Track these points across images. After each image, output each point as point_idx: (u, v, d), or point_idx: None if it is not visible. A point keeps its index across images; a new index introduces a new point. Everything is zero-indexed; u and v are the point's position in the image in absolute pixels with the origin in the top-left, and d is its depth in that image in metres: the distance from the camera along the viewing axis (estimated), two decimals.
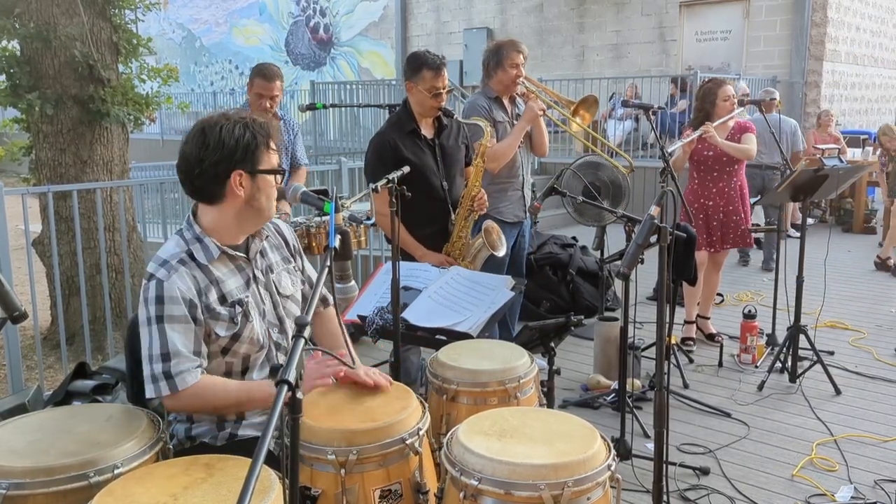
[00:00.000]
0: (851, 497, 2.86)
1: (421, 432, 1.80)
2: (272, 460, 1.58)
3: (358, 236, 3.95)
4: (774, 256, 6.54)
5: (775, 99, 6.80)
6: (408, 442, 1.74)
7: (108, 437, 1.68)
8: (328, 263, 1.48)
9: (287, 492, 1.20)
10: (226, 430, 1.97)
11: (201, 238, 1.91)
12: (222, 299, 1.89)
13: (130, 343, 2.05)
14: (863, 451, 3.30)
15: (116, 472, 1.59)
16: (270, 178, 1.90)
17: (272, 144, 1.89)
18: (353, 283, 1.77)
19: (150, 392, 1.82)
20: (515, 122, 3.88)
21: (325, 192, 1.89)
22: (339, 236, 1.56)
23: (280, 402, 1.11)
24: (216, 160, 1.83)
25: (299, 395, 1.18)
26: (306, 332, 1.24)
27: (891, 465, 3.15)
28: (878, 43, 12.09)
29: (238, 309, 1.91)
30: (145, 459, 1.66)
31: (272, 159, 1.90)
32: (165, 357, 1.80)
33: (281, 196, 1.97)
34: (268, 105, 3.93)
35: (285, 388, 1.13)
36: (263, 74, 3.92)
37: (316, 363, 1.85)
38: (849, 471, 3.10)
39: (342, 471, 1.67)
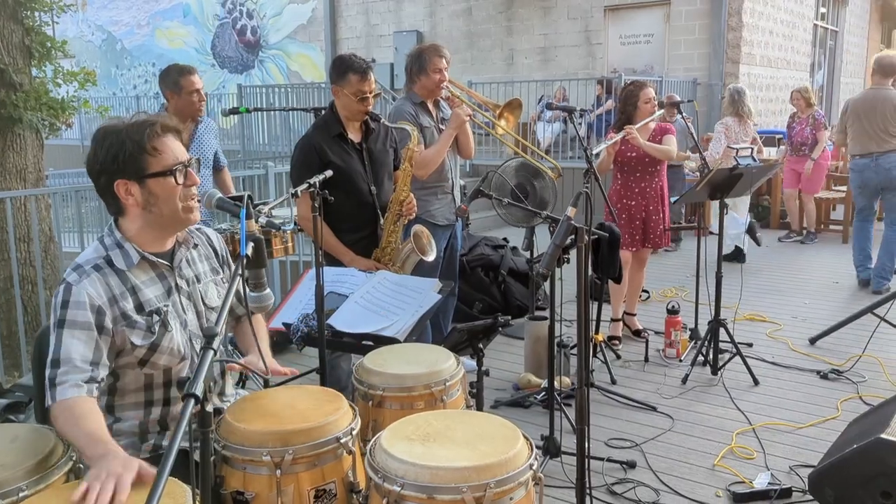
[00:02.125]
0: (768, 483, 2.97)
1: (354, 432, 1.81)
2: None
3: (285, 242, 3.89)
4: None
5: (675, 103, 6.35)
6: (342, 441, 1.76)
7: (12, 458, 1.60)
8: (239, 272, 1.45)
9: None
10: (149, 442, 1.92)
11: (122, 244, 1.86)
12: (139, 308, 1.84)
13: (38, 358, 1.97)
14: (779, 438, 3.44)
15: (21, 494, 1.51)
16: (166, 179, 1.83)
17: (156, 144, 1.81)
18: (268, 290, 1.73)
19: (46, 400, 1.75)
20: (441, 125, 3.90)
21: (242, 199, 1.85)
22: (251, 244, 1.54)
23: (186, 415, 1.08)
24: (97, 173, 1.82)
25: (208, 407, 1.15)
26: (215, 344, 1.21)
27: (805, 450, 3.29)
28: (790, 46, 12.64)
29: (156, 318, 1.86)
30: (53, 480, 1.59)
31: (163, 159, 1.82)
32: (55, 363, 1.74)
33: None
34: (204, 98, 3.94)
35: (192, 401, 1.10)
36: (189, 71, 3.90)
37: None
38: (766, 458, 3.23)
39: (277, 471, 1.66)
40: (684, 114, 5.67)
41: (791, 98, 8.13)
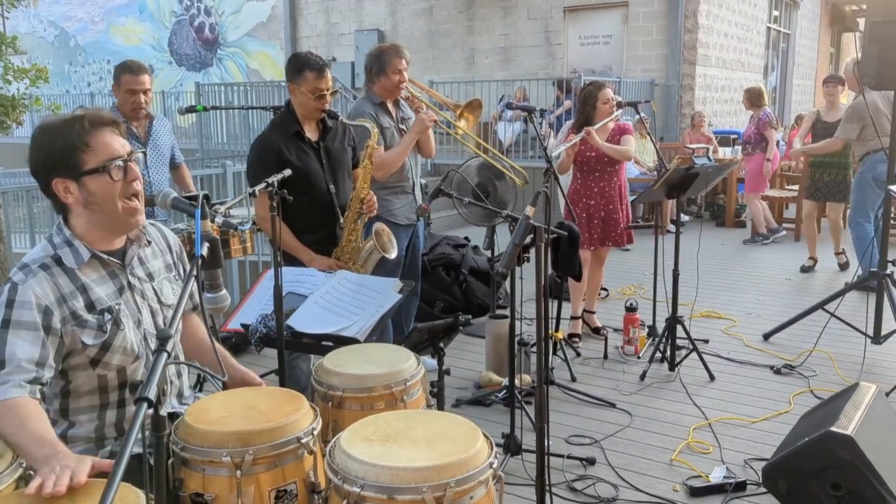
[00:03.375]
0: (724, 477, 3.03)
1: (315, 432, 1.81)
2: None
3: (243, 242, 3.85)
4: None
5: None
6: (303, 441, 1.75)
7: None
8: (194, 273, 1.43)
9: None
10: (106, 448, 1.87)
11: (71, 241, 1.82)
12: (90, 307, 1.81)
13: None
14: (734, 432, 3.51)
15: None
16: (102, 176, 1.78)
17: (89, 140, 1.77)
18: (224, 291, 1.70)
19: None
20: (401, 125, 3.90)
21: (198, 198, 1.82)
22: (207, 244, 1.51)
23: (139, 420, 1.06)
24: (36, 173, 1.79)
25: (162, 412, 1.13)
26: (169, 346, 1.19)
27: (759, 444, 3.37)
28: (744, 49, 12.92)
29: (107, 317, 1.82)
30: (2, 489, 1.54)
31: (98, 155, 1.77)
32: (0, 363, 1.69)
33: (150, 202, 1.89)
34: (141, 100, 3.82)
35: (144, 405, 1.08)
36: (130, 69, 3.83)
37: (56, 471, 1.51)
38: (721, 452, 3.30)
39: (238, 472, 1.65)
40: (642, 114, 5.76)
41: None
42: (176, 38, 16.03)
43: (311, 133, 3.27)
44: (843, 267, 6.61)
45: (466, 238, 6.06)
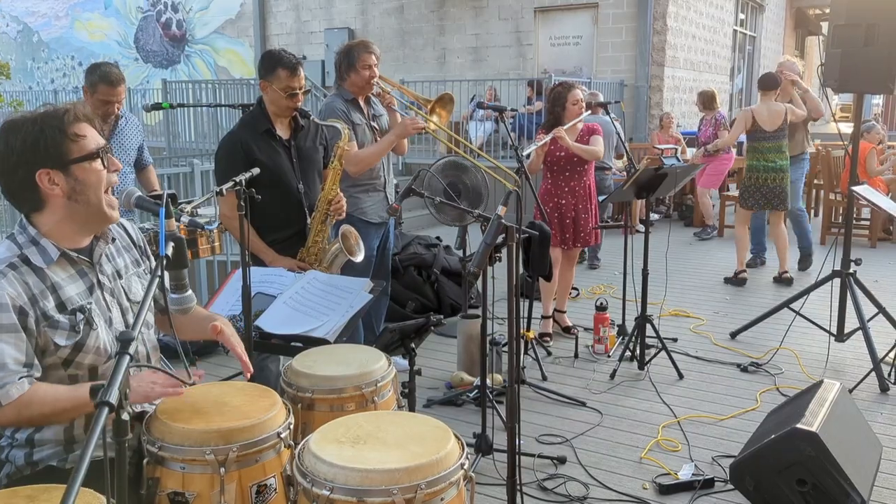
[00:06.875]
0: (692, 474, 3.06)
1: (291, 426, 1.83)
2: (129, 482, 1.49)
3: (211, 241, 3.79)
4: (597, 254, 6.96)
5: (602, 103, 5.72)
6: (282, 436, 1.78)
7: None
8: (159, 273, 1.40)
9: None
10: (75, 452, 1.82)
11: (38, 240, 1.76)
12: (61, 307, 1.76)
13: None
14: (702, 430, 3.55)
15: None
16: (91, 164, 1.75)
17: (76, 129, 1.74)
18: (190, 292, 1.66)
19: None
20: (373, 122, 3.87)
21: (170, 196, 1.78)
22: (171, 243, 1.48)
23: (99, 426, 1.03)
24: (14, 166, 1.71)
25: (124, 416, 1.09)
26: (131, 349, 1.16)
27: (726, 441, 3.41)
28: (712, 51, 13.09)
29: (79, 316, 1.78)
30: None
31: (85, 144, 1.75)
32: None
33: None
34: (114, 109, 3.78)
35: (105, 410, 1.05)
36: (109, 81, 3.72)
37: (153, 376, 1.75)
38: (690, 450, 3.33)
39: (221, 469, 1.66)
40: (612, 115, 5.81)
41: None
42: (142, 34, 15.79)
43: (282, 131, 3.23)
44: (788, 282, 6.16)
45: (438, 238, 6.05)
